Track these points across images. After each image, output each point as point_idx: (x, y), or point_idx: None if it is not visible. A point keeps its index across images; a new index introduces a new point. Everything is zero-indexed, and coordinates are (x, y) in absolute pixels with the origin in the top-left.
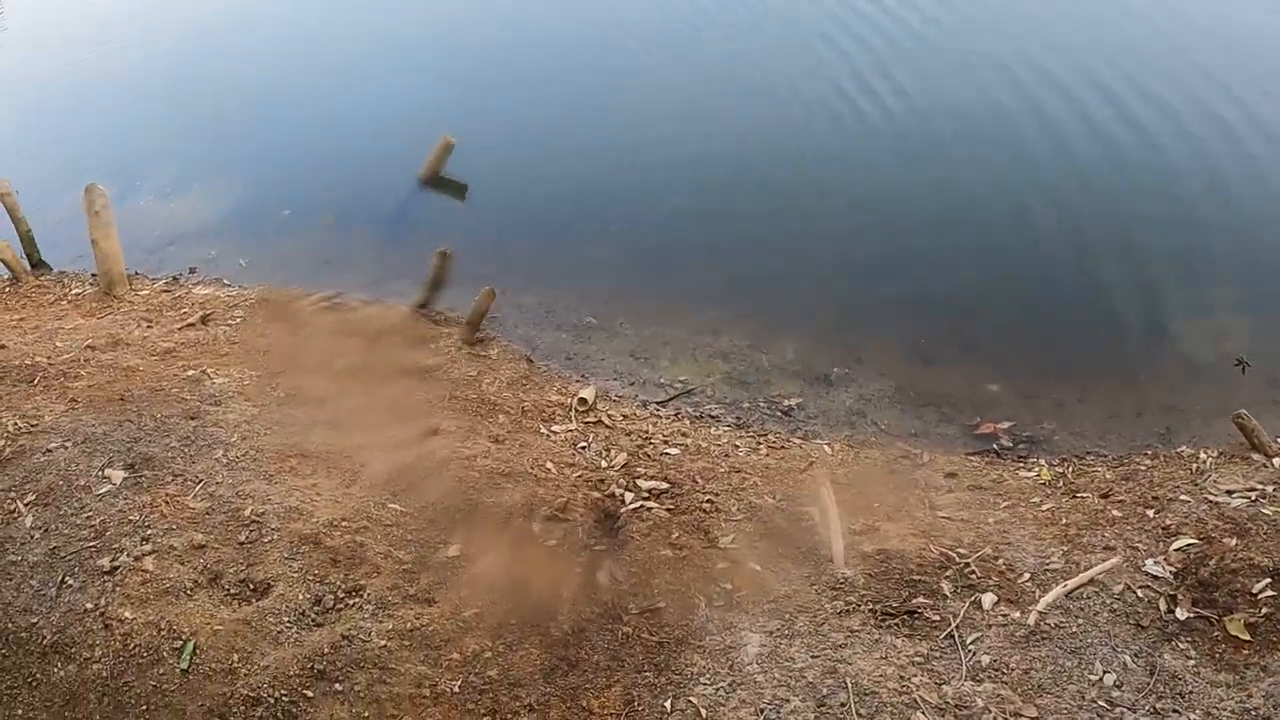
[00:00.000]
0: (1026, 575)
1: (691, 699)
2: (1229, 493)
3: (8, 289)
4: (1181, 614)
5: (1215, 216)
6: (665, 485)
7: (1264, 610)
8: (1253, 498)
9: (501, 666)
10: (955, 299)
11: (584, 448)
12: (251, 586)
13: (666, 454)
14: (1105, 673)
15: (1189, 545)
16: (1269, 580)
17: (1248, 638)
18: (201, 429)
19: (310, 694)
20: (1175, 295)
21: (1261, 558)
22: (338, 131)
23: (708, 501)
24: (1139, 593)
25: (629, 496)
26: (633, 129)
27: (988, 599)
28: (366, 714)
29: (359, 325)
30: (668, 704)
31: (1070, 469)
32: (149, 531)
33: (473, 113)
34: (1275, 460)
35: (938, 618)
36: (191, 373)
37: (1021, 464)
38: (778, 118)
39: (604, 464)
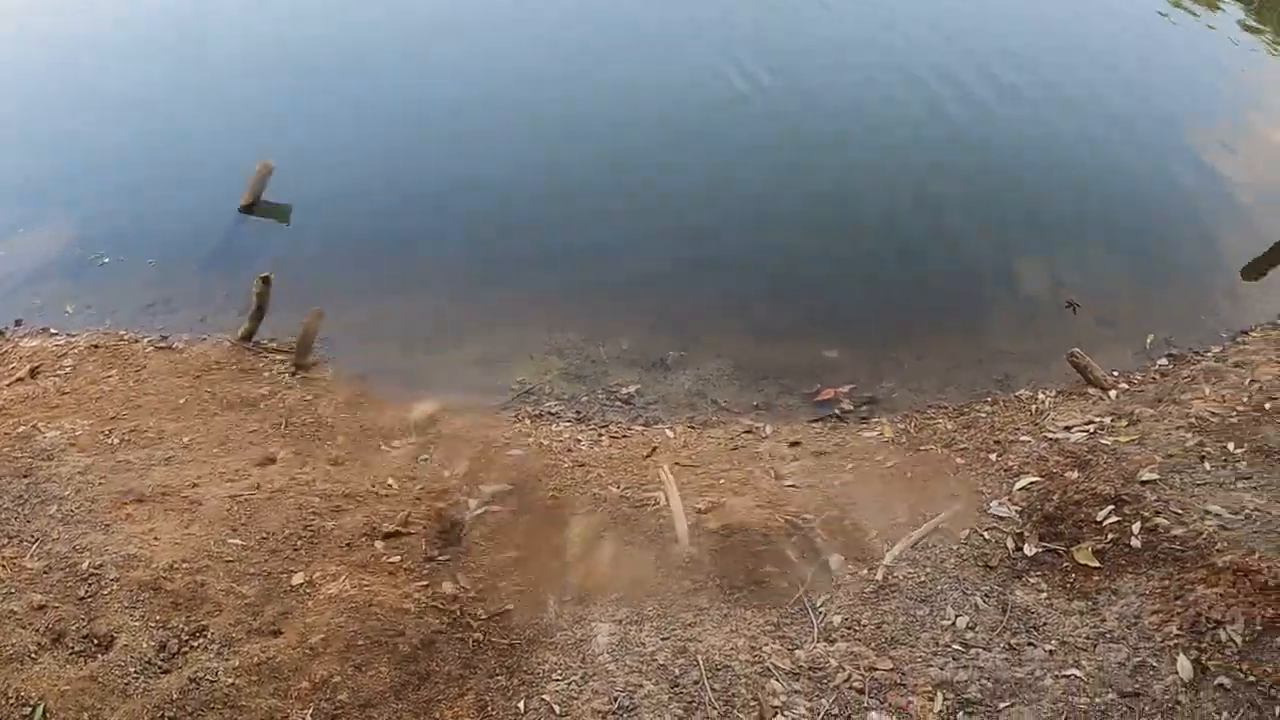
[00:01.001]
0: (873, 532)
1: (545, 696)
2: (1068, 429)
3: None
4: (1030, 550)
5: (1036, 165)
6: (509, 487)
7: (1110, 536)
8: (1091, 430)
9: (351, 689)
10: (784, 269)
11: (425, 460)
12: (95, 641)
13: (509, 456)
14: (958, 616)
15: (1032, 483)
16: (1112, 507)
17: (1097, 564)
18: (34, 486)
19: None
20: (1003, 245)
21: (1104, 486)
22: (154, 163)
23: (551, 498)
24: (985, 535)
25: (473, 503)
26: (448, 133)
27: (835, 560)
28: None
29: (188, 363)
30: (521, 704)
31: (913, 424)
32: None
33: (294, 135)
34: (1111, 393)
35: (786, 585)
36: (22, 429)
37: (864, 425)
38: (594, 106)
39: (446, 473)
